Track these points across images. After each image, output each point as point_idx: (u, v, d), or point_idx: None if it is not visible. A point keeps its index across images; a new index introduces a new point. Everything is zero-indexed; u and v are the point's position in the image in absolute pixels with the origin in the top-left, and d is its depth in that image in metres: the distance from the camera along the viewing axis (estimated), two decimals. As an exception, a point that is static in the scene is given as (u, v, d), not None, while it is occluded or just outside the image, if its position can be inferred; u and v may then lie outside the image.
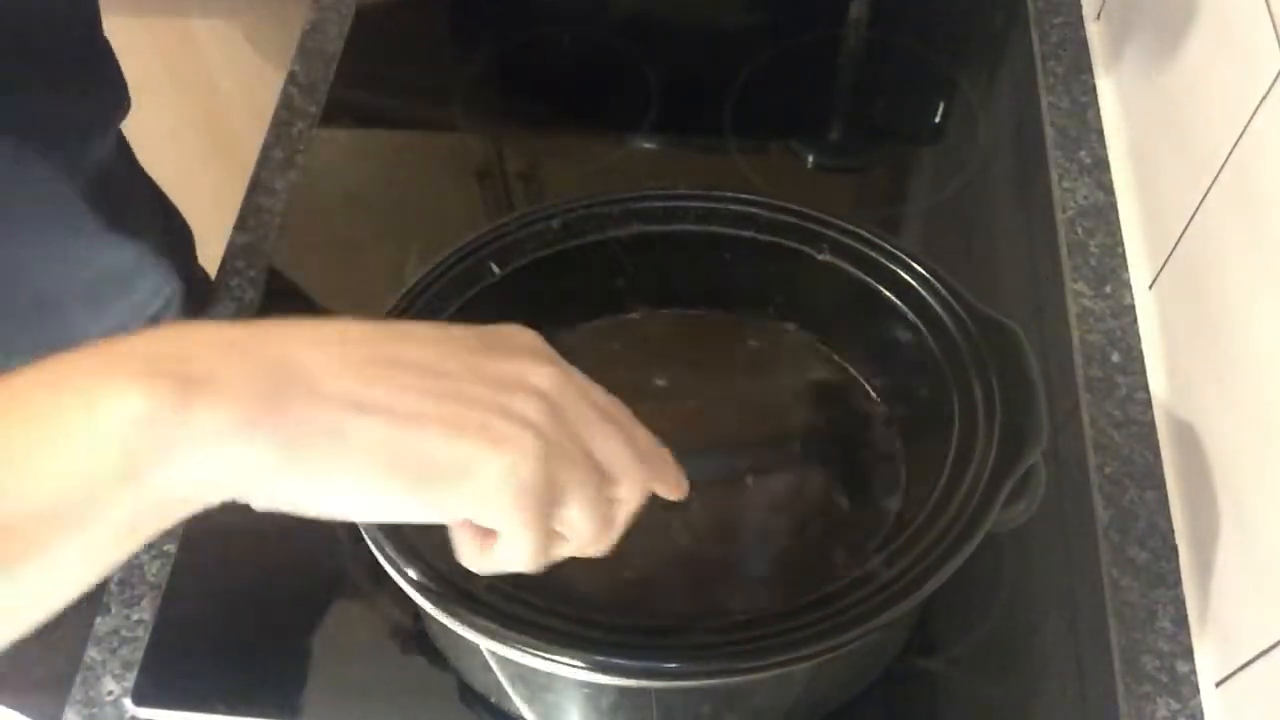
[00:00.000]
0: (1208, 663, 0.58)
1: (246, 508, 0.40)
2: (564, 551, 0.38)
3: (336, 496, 0.33)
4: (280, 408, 0.31)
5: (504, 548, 0.36)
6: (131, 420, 0.29)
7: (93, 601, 0.63)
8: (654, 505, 0.40)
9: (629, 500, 0.38)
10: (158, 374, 0.30)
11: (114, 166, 0.63)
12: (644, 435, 0.39)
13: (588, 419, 0.37)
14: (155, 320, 0.66)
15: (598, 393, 0.38)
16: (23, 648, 0.74)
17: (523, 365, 0.36)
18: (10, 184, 0.52)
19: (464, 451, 0.33)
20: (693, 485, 0.54)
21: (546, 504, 0.35)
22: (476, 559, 0.37)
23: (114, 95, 0.60)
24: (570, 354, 0.59)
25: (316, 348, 0.33)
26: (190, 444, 0.30)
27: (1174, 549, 0.62)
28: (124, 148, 0.66)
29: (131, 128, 0.65)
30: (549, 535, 0.36)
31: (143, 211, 0.66)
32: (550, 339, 0.58)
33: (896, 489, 0.54)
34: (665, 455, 0.40)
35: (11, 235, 0.54)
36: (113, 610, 0.61)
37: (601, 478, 0.37)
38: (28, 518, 0.29)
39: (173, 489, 0.31)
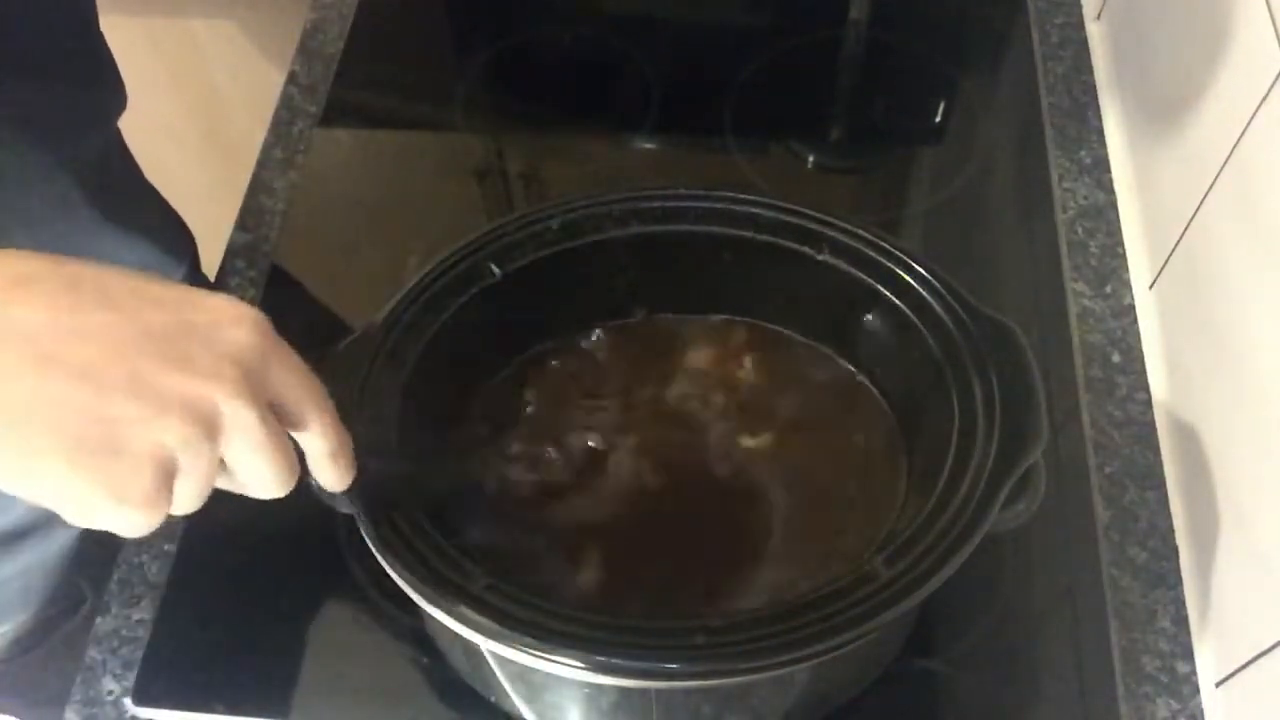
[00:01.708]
0: (1208, 663, 0.58)
1: (247, 508, 0.40)
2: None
3: None
4: None
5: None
6: None
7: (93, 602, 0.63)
8: (655, 505, 0.40)
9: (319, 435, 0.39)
10: None
11: (111, 163, 0.63)
12: (321, 429, 0.39)
13: (248, 437, 0.35)
14: None
15: (290, 376, 0.37)
16: (24, 649, 0.74)
17: (195, 382, 0.34)
18: (12, 178, 0.52)
19: (77, 485, 0.33)
20: (693, 485, 0.54)
21: (197, 492, 0.35)
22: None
23: (110, 90, 0.60)
24: (571, 355, 0.59)
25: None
26: None
27: (1174, 549, 0.62)
28: (121, 146, 0.66)
29: (131, 127, 0.65)
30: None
31: (140, 210, 0.66)
32: (550, 339, 0.58)
33: (897, 489, 0.53)
34: (337, 445, 0.40)
35: (11, 233, 0.54)
36: (113, 610, 0.61)
37: (282, 444, 0.37)
38: None
39: None
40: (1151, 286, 0.71)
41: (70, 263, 0.34)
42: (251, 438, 0.35)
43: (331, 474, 0.41)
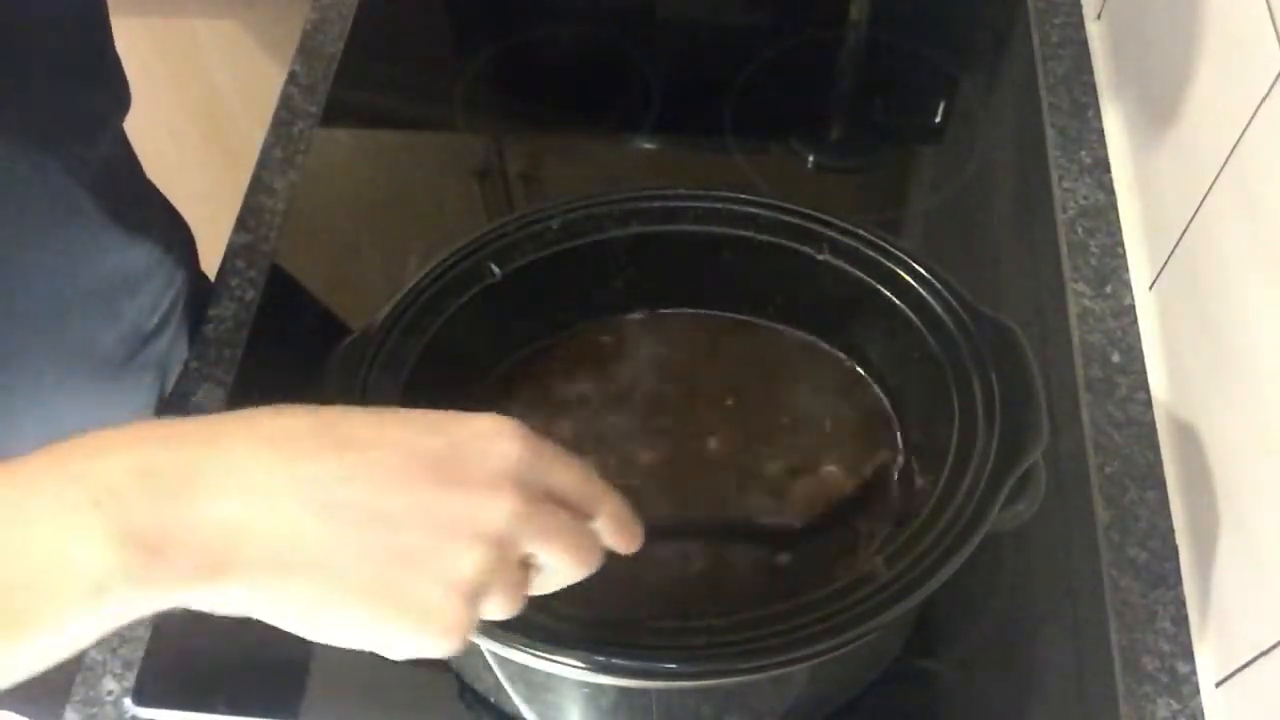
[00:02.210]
0: (1208, 663, 0.58)
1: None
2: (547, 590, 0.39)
3: (289, 627, 0.35)
4: (225, 570, 0.33)
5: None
6: (98, 585, 0.31)
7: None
8: (654, 505, 0.40)
9: (607, 527, 0.39)
10: (121, 540, 0.31)
11: (118, 164, 0.63)
12: (610, 509, 0.39)
13: (545, 543, 0.36)
14: (164, 322, 0.66)
15: (564, 473, 0.37)
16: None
17: (479, 500, 0.35)
18: (24, 180, 0.52)
19: (382, 627, 0.34)
20: (692, 484, 0.54)
21: (508, 603, 0.36)
22: None
23: (119, 91, 0.60)
24: (570, 354, 0.59)
25: (262, 495, 0.33)
26: (153, 603, 0.33)
27: (1174, 549, 0.62)
28: (127, 147, 0.66)
29: (131, 127, 0.65)
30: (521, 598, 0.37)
31: (144, 210, 0.66)
32: (550, 339, 0.58)
33: (897, 489, 0.54)
34: (625, 519, 0.40)
35: (24, 235, 0.54)
36: (113, 610, 0.61)
37: (578, 530, 0.37)
38: None
39: (133, 615, 0.33)
40: (1151, 287, 0.71)
41: (324, 411, 0.35)
42: (548, 542, 0.36)
43: (628, 545, 0.40)
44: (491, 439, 0.36)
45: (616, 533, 0.39)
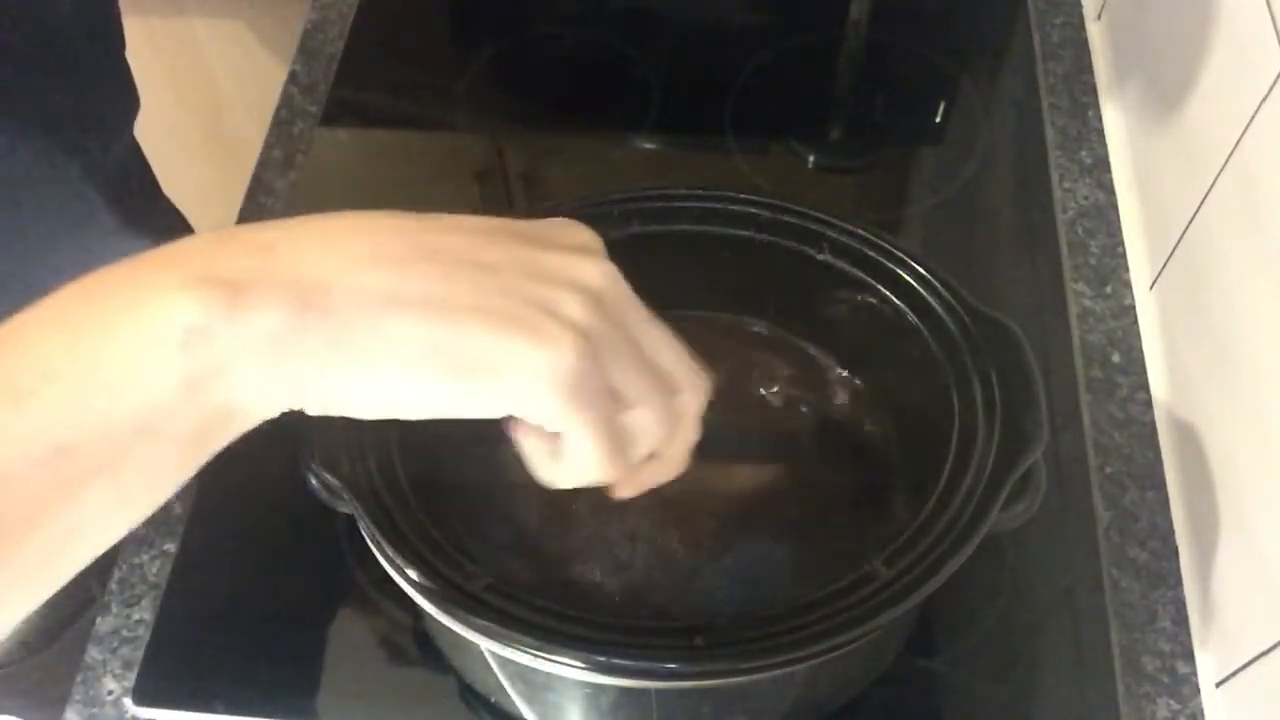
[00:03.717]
0: (1208, 663, 0.58)
1: (247, 508, 0.40)
2: (639, 453, 0.37)
3: (382, 392, 0.33)
4: (323, 305, 0.31)
5: (570, 450, 0.36)
6: (185, 328, 0.30)
7: (93, 602, 0.63)
8: (653, 504, 0.40)
9: (692, 402, 0.38)
10: (202, 282, 0.30)
11: (131, 167, 0.63)
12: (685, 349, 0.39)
13: (638, 320, 0.36)
14: None
15: (642, 304, 0.37)
16: (32, 650, 0.74)
17: (572, 260, 0.35)
18: (40, 181, 0.52)
19: (502, 344, 0.33)
20: (692, 484, 0.54)
21: (600, 401, 0.35)
22: (548, 468, 0.37)
23: (128, 96, 0.61)
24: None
25: (353, 241, 0.33)
26: (245, 347, 0.30)
27: (1174, 549, 0.62)
28: (137, 149, 0.66)
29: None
30: (615, 437, 0.36)
31: (153, 213, 0.66)
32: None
33: (897, 489, 0.54)
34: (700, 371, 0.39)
35: (40, 237, 0.54)
36: (113, 610, 0.61)
37: (659, 378, 0.37)
38: (87, 438, 0.29)
39: (233, 396, 0.31)
40: (1152, 287, 0.71)
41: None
42: (637, 315, 0.36)
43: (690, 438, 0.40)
44: (573, 225, 0.37)
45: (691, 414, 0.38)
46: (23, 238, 0.53)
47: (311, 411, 0.33)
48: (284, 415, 0.34)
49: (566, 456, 0.36)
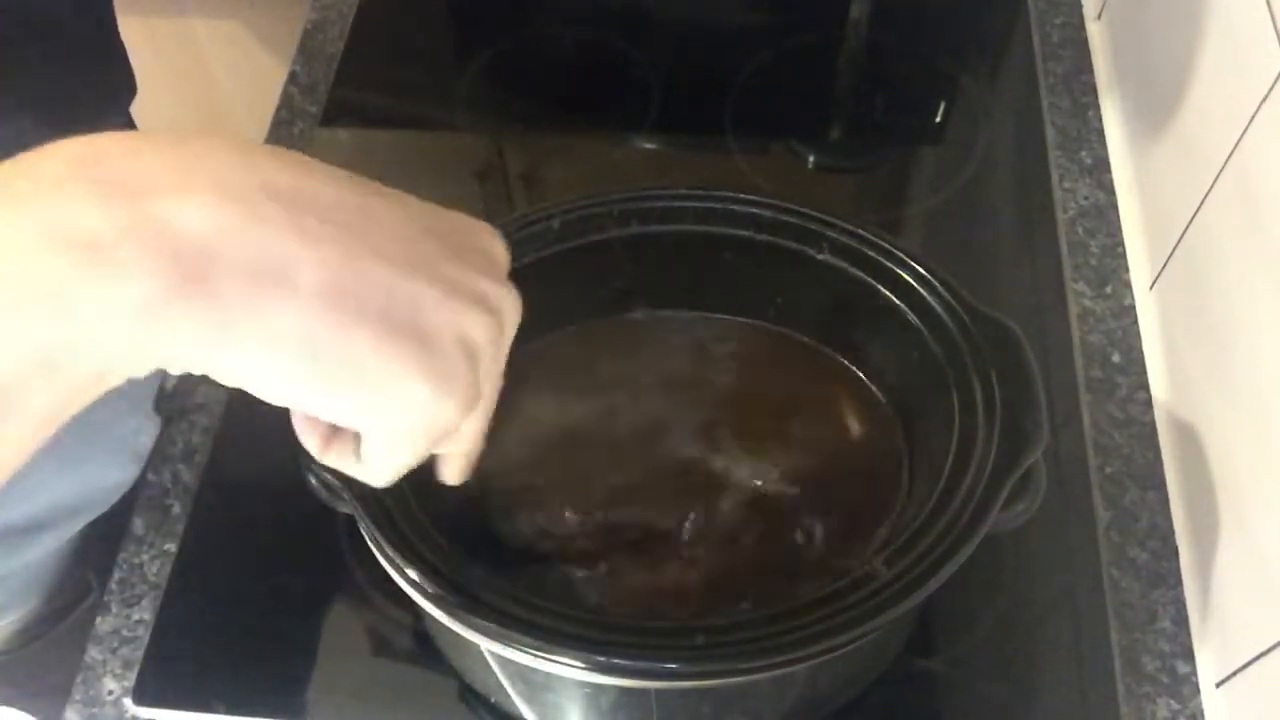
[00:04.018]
0: (1208, 663, 0.58)
1: (247, 508, 0.40)
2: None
3: (246, 374, 0.29)
4: (201, 281, 0.27)
5: (370, 460, 0.34)
6: (38, 293, 0.26)
7: (93, 603, 0.63)
8: (653, 504, 0.40)
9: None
10: (60, 242, 0.26)
11: None
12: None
13: (508, 341, 0.34)
14: None
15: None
16: (29, 639, 0.74)
17: (484, 280, 0.32)
18: None
19: (390, 368, 0.30)
20: (692, 484, 0.54)
21: (438, 440, 0.33)
22: (319, 450, 0.35)
23: (123, 77, 0.61)
24: (569, 353, 0.59)
25: (249, 184, 0.29)
26: (109, 314, 0.27)
27: (1174, 549, 0.62)
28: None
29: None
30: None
31: None
32: (550, 339, 0.58)
33: (897, 489, 0.53)
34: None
35: None
36: (113, 610, 0.61)
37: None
38: None
39: (91, 361, 0.27)
40: (1152, 287, 0.71)
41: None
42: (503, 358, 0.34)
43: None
44: (485, 236, 0.34)
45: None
46: None
47: (175, 373, 0.30)
48: (284, 415, 0.34)
49: (355, 458, 0.34)
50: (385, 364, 0.30)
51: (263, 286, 0.28)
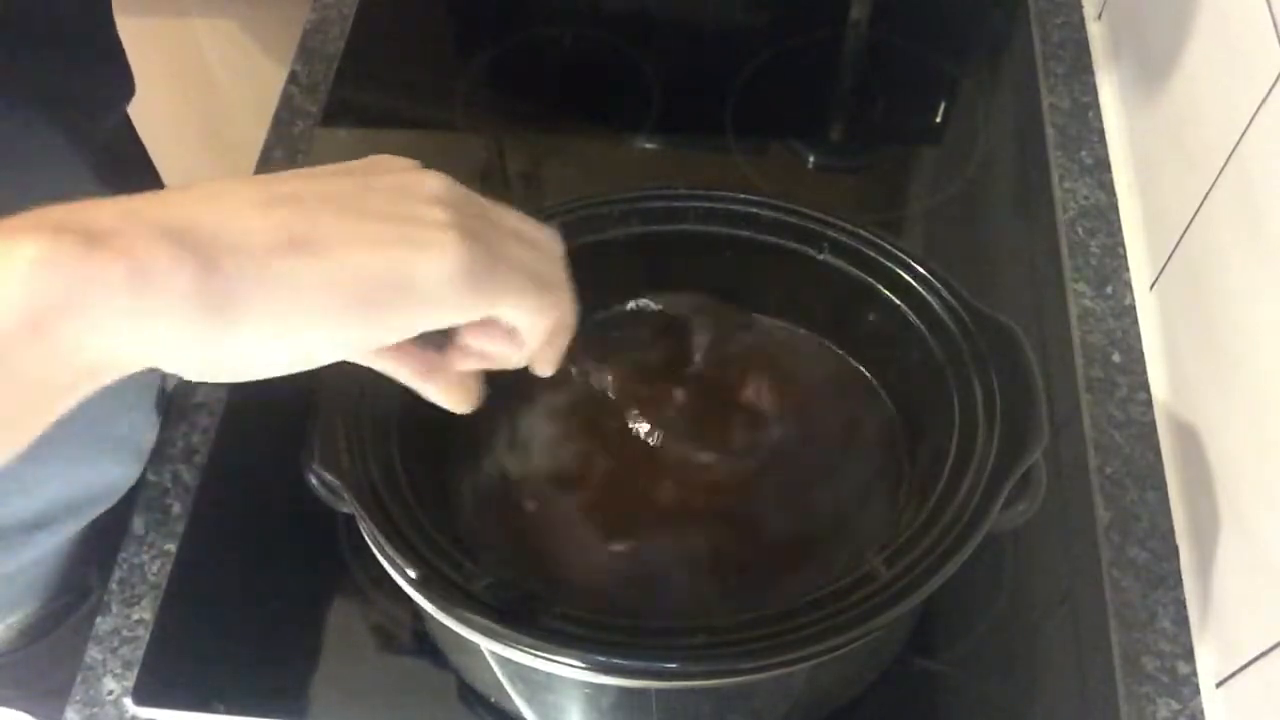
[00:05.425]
0: (1208, 663, 0.58)
1: (247, 508, 0.40)
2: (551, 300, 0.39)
3: (285, 346, 0.32)
4: (206, 257, 0.29)
5: (514, 327, 0.37)
6: (31, 261, 0.28)
7: (94, 603, 0.63)
8: (655, 503, 0.40)
9: (556, 247, 0.40)
10: (59, 229, 0.28)
11: (124, 147, 0.63)
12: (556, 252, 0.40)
13: (483, 203, 0.37)
14: None
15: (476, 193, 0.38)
16: (30, 639, 0.74)
17: (408, 177, 0.36)
18: (23, 152, 0.52)
19: (395, 262, 0.32)
20: (693, 483, 0.54)
21: (504, 273, 0.35)
22: (515, 357, 0.39)
23: (120, 74, 0.61)
24: (570, 354, 0.59)
25: (219, 196, 0.32)
26: (98, 294, 0.28)
27: (1174, 549, 0.62)
28: (132, 133, 0.66)
29: (131, 127, 0.66)
30: (537, 289, 0.37)
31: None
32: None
33: (897, 489, 0.53)
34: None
35: (26, 206, 0.54)
36: (113, 610, 0.61)
37: (527, 240, 0.38)
38: None
39: (82, 346, 0.29)
40: (1152, 287, 0.71)
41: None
42: (484, 204, 0.37)
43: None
44: (418, 175, 0.36)
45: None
46: (3, 209, 0.53)
47: (190, 377, 0.31)
48: (283, 415, 0.34)
49: (518, 337, 0.38)
50: (389, 262, 0.33)
51: (258, 251, 0.31)
